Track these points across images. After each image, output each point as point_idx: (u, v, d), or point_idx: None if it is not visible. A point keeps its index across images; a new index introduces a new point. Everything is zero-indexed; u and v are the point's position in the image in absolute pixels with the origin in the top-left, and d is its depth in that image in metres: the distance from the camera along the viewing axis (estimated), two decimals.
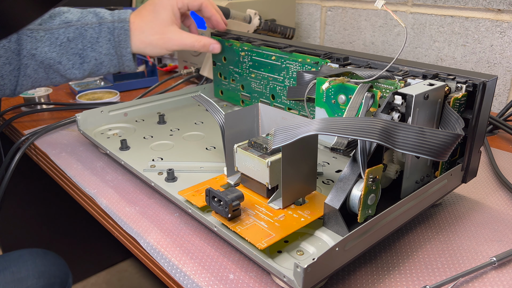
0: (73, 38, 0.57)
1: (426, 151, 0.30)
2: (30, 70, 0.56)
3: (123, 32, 0.59)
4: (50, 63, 0.57)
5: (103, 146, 0.54)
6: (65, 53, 0.57)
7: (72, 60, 0.58)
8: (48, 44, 0.56)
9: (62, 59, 0.57)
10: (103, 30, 0.59)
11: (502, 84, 0.76)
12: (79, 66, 0.59)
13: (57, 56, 0.57)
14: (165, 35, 0.60)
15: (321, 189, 0.43)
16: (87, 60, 0.59)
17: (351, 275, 0.36)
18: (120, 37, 0.59)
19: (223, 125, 0.42)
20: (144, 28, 0.60)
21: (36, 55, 0.56)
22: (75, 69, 0.59)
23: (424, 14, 0.84)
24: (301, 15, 1.08)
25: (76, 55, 0.58)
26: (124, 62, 0.61)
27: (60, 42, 0.57)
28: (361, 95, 0.41)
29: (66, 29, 0.57)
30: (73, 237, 1.25)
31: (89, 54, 0.59)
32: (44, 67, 0.57)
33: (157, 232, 0.42)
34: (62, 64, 0.57)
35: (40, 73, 0.57)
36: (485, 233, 0.41)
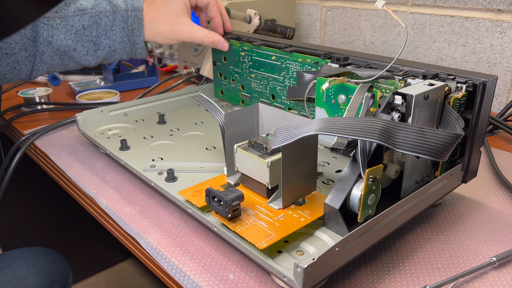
0: (87, 26, 0.58)
1: (426, 151, 0.30)
2: (46, 56, 0.58)
3: (136, 21, 0.60)
4: (66, 50, 0.58)
5: (103, 146, 0.54)
6: (80, 41, 0.59)
7: (86, 47, 0.59)
8: (63, 32, 0.57)
9: (77, 46, 0.59)
10: (117, 19, 0.60)
11: (502, 84, 0.76)
12: (93, 53, 0.60)
13: (72, 43, 0.58)
14: (175, 26, 0.61)
15: (321, 189, 0.43)
16: (101, 48, 0.60)
17: (351, 275, 0.36)
18: (134, 25, 0.60)
19: (223, 125, 0.42)
20: (155, 18, 0.61)
21: (52, 43, 0.57)
22: (90, 56, 0.60)
23: (424, 14, 0.84)
24: (301, 15, 1.08)
25: (90, 42, 0.59)
26: (137, 49, 0.63)
27: (76, 29, 0.58)
28: (361, 95, 0.41)
29: (81, 17, 0.58)
30: (73, 237, 1.25)
31: (103, 41, 0.60)
32: (59, 54, 0.58)
33: (157, 232, 0.42)
34: (77, 51, 0.59)
35: (56, 59, 0.59)
36: (485, 233, 0.41)
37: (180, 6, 0.61)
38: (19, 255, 0.70)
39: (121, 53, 0.63)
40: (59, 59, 0.59)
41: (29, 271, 0.68)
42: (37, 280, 0.68)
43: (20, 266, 0.68)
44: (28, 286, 0.66)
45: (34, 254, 0.72)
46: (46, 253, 0.74)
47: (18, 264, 0.68)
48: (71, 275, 0.76)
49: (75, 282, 1.32)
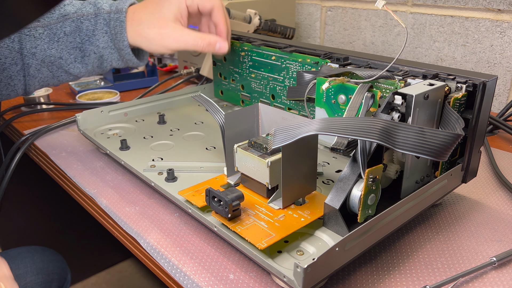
0: (70, 32, 0.54)
1: (426, 151, 0.30)
2: (33, 69, 0.54)
3: (118, 24, 0.54)
4: (51, 60, 0.54)
5: (103, 146, 0.54)
6: (65, 48, 0.55)
7: (73, 54, 0.55)
8: (47, 41, 0.54)
9: (63, 54, 0.55)
10: (99, 22, 0.55)
11: (502, 84, 0.76)
12: (81, 60, 0.56)
13: (56, 52, 0.54)
14: (163, 29, 0.54)
15: (321, 189, 0.43)
16: (87, 54, 0.56)
17: (351, 275, 0.36)
18: (116, 29, 0.55)
19: (223, 125, 0.42)
20: (142, 19, 0.55)
21: (36, 54, 0.54)
22: (78, 63, 0.56)
23: (424, 14, 0.84)
24: (301, 15, 1.08)
25: (76, 48, 0.55)
26: (124, 56, 0.56)
27: (58, 37, 0.54)
28: (361, 95, 0.41)
29: (63, 23, 0.54)
30: (73, 237, 1.25)
31: (87, 47, 0.55)
32: (46, 65, 0.55)
33: (157, 232, 0.42)
34: (63, 59, 0.55)
35: (44, 72, 0.55)
36: (485, 233, 0.41)
37: (172, 10, 0.55)
38: (17, 253, 0.71)
39: (109, 60, 0.57)
40: (48, 70, 0.55)
41: (27, 269, 0.68)
42: (35, 279, 0.68)
43: (18, 265, 0.68)
44: (26, 285, 0.67)
45: (32, 252, 0.72)
46: (44, 251, 0.74)
47: (16, 262, 0.68)
48: (69, 274, 0.76)
49: (75, 282, 1.32)
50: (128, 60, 0.57)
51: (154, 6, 0.55)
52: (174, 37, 0.54)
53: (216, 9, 0.57)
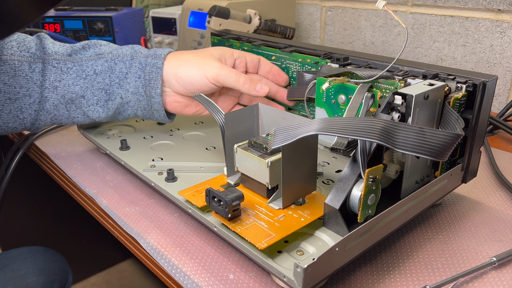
0: (100, 72, 0.51)
1: (426, 151, 0.30)
2: (50, 104, 0.50)
3: (154, 70, 0.50)
4: (72, 97, 0.50)
5: (103, 146, 0.54)
6: (90, 87, 0.51)
7: (97, 96, 0.51)
8: (73, 77, 0.50)
9: (86, 93, 0.51)
10: (134, 65, 0.51)
11: (502, 84, 0.76)
12: (104, 103, 0.51)
13: (80, 90, 0.50)
14: (205, 59, 0.50)
15: (321, 189, 0.43)
16: (112, 98, 0.51)
17: (351, 275, 0.36)
18: (151, 74, 0.50)
19: (223, 125, 0.42)
20: (182, 60, 0.51)
21: (58, 88, 0.50)
22: (99, 107, 0.51)
23: (424, 14, 0.84)
24: (301, 15, 1.08)
25: (102, 90, 0.51)
26: (153, 104, 0.51)
27: (86, 74, 0.50)
28: (361, 95, 0.41)
29: (95, 61, 0.51)
30: (73, 237, 1.25)
31: (115, 90, 0.51)
32: (65, 103, 0.51)
33: (157, 232, 0.42)
34: (85, 98, 0.51)
35: (61, 109, 0.51)
36: (485, 233, 0.41)
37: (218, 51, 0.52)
38: (19, 254, 0.71)
39: (135, 107, 0.52)
40: (65, 108, 0.51)
41: (28, 270, 0.68)
42: (37, 279, 0.68)
43: (20, 266, 0.68)
44: (27, 285, 0.67)
45: (33, 253, 0.72)
46: (45, 252, 0.74)
47: (17, 263, 0.68)
48: (70, 275, 0.76)
49: (75, 282, 1.32)
50: (156, 110, 0.52)
51: (197, 51, 0.52)
52: (215, 66, 0.50)
53: (264, 60, 0.55)
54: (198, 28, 0.87)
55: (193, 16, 0.88)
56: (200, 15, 0.87)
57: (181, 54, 0.52)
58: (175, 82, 0.50)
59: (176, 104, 0.52)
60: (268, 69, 0.55)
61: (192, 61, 0.50)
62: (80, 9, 0.94)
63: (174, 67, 0.50)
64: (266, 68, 0.55)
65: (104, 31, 0.87)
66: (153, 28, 0.99)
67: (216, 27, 0.77)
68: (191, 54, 0.51)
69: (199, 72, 0.49)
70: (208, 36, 0.85)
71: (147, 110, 0.53)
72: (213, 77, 0.49)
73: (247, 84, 0.50)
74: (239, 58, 0.54)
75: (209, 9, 0.78)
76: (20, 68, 0.49)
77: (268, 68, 0.55)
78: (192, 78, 0.49)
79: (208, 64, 0.50)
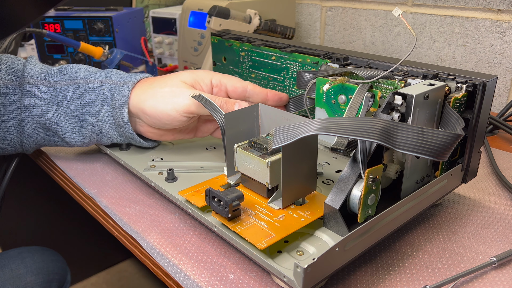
0: (72, 98, 0.49)
1: (426, 151, 0.30)
2: (28, 128, 0.49)
3: (120, 98, 0.48)
4: (46, 123, 0.49)
5: (103, 146, 0.54)
6: (63, 114, 0.49)
7: (71, 123, 0.49)
8: (46, 102, 0.49)
9: (60, 120, 0.49)
10: (102, 93, 0.49)
11: (502, 84, 0.76)
12: (78, 131, 0.50)
13: (53, 116, 0.49)
14: (175, 88, 0.47)
15: (321, 189, 0.43)
16: (85, 125, 0.50)
17: (351, 275, 0.36)
18: (117, 103, 0.48)
19: (223, 125, 0.42)
20: (150, 86, 0.48)
21: (32, 112, 0.49)
22: (74, 134, 0.50)
23: (424, 14, 0.84)
24: (301, 15, 1.08)
25: (75, 117, 0.49)
26: (125, 133, 0.50)
27: (58, 101, 0.49)
28: (361, 95, 0.41)
29: (67, 87, 0.49)
30: (73, 237, 1.25)
31: (86, 118, 0.49)
32: (41, 127, 0.50)
33: (157, 232, 0.42)
34: (59, 125, 0.49)
35: (40, 133, 0.50)
36: (485, 233, 0.41)
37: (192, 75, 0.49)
38: (17, 254, 0.71)
39: (109, 135, 0.50)
40: (44, 133, 0.50)
41: (27, 269, 0.68)
42: (35, 279, 0.68)
43: (18, 265, 0.68)
44: (26, 285, 0.67)
45: (32, 253, 0.72)
46: (44, 252, 0.74)
47: (16, 263, 0.68)
48: (69, 274, 0.76)
49: (75, 282, 1.32)
50: (130, 138, 0.50)
51: (168, 79, 0.48)
52: (185, 97, 0.46)
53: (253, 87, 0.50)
54: (198, 28, 0.87)
55: (193, 16, 0.88)
56: (200, 15, 0.87)
57: (150, 85, 0.48)
58: (143, 117, 0.48)
59: (151, 134, 0.51)
60: (264, 97, 0.50)
61: (158, 95, 0.47)
62: (80, 9, 0.94)
63: (140, 102, 0.47)
64: (260, 97, 0.50)
65: (104, 31, 0.87)
66: (153, 28, 1.00)
67: (216, 27, 0.77)
68: (160, 85, 0.47)
69: (167, 107, 0.46)
70: (208, 36, 0.85)
71: (123, 137, 0.51)
72: (183, 110, 0.46)
73: (224, 106, 0.46)
74: (217, 87, 0.49)
75: (209, 9, 0.78)
76: (5, 91, 0.49)
77: (263, 96, 0.50)
78: (160, 114, 0.46)
79: (177, 96, 0.46)
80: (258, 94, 0.50)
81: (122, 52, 0.82)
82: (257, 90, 0.50)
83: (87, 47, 0.79)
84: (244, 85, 0.50)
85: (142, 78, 0.50)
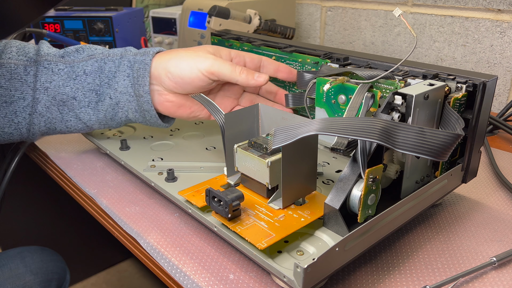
0: (90, 72, 0.49)
1: (426, 151, 0.30)
2: (42, 106, 0.49)
3: (142, 66, 0.48)
4: (63, 98, 0.49)
5: (103, 146, 0.54)
6: (81, 88, 0.49)
7: (88, 97, 0.49)
8: (64, 78, 0.49)
9: (77, 94, 0.49)
10: (123, 63, 0.49)
11: (502, 84, 0.76)
12: (95, 105, 0.50)
13: (70, 91, 0.49)
14: (197, 53, 0.48)
15: (321, 189, 0.43)
16: (102, 98, 0.49)
17: (351, 275, 0.36)
18: (139, 71, 0.48)
19: (223, 125, 0.42)
20: (173, 55, 0.48)
21: (49, 89, 0.49)
22: (90, 109, 0.50)
23: (424, 14, 0.84)
24: (301, 15, 1.08)
25: (92, 91, 0.49)
26: (143, 105, 0.49)
27: (76, 75, 0.49)
28: (361, 95, 0.41)
29: (86, 62, 0.49)
30: (73, 237, 1.25)
31: (105, 90, 0.49)
32: (57, 104, 0.49)
33: (157, 232, 0.42)
34: (76, 100, 0.49)
35: (54, 111, 0.50)
36: (485, 233, 0.41)
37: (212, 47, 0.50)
38: (16, 253, 0.71)
39: (124, 108, 0.50)
40: (57, 111, 0.50)
41: (26, 269, 0.68)
42: (34, 278, 0.68)
43: (17, 265, 0.68)
44: (25, 284, 0.67)
45: (31, 252, 0.72)
46: (43, 251, 0.74)
47: (15, 262, 0.69)
48: (68, 274, 0.76)
49: (75, 282, 1.32)
50: (146, 111, 0.49)
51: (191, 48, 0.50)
52: (208, 57, 0.47)
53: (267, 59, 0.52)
54: (198, 28, 0.87)
55: (193, 16, 0.88)
56: (200, 15, 0.87)
57: (173, 50, 0.49)
58: (165, 78, 0.47)
59: (168, 104, 0.49)
60: (276, 68, 0.52)
61: (183, 55, 0.48)
62: (80, 9, 0.94)
63: (163, 62, 0.48)
64: (272, 67, 0.52)
65: (104, 31, 0.87)
66: (153, 28, 1.00)
67: (216, 27, 0.77)
68: (184, 50, 0.49)
69: (190, 65, 0.46)
70: (208, 36, 0.85)
71: (139, 112, 0.50)
72: (206, 69, 0.46)
73: (244, 73, 0.47)
74: (237, 58, 0.51)
75: (209, 9, 0.78)
76: (16, 71, 0.49)
77: (275, 66, 0.52)
78: (183, 71, 0.47)
79: (201, 57, 0.47)
80: (270, 64, 0.53)
81: None
82: (270, 61, 0.53)
83: None
84: (260, 57, 0.53)
85: (161, 50, 0.51)
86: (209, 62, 0.47)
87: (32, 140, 0.53)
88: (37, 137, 0.52)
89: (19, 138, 0.52)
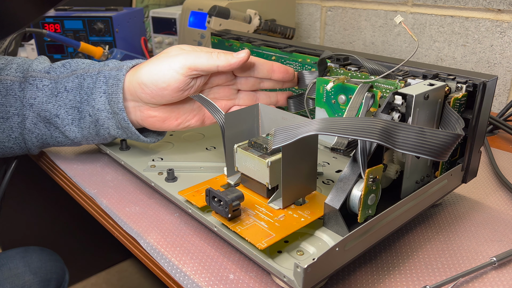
0: (71, 88, 0.47)
1: (426, 151, 0.30)
2: (29, 123, 0.48)
3: (115, 82, 0.45)
4: (47, 116, 0.48)
5: (103, 146, 0.54)
6: (63, 105, 0.47)
7: (71, 115, 0.48)
8: (48, 94, 0.48)
9: (60, 112, 0.48)
10: (99, 80, 0.47)
11: (502, 84, 0.76)
12: (78, 123, 0.48)
13: (53, 107, 0.47)
14: (169, 53, 0.45)
15: (321, 189, 0.43)
16: (83, 116, 0.48)
17: (351, 275, 0.36)
18: (113, 88, 0.46)
19: (223, 125, 0.42)
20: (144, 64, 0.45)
21: (34, 105, 0.48)
22: (74, 126, 0.48)
23: (424, 14, 0.84)
24: (301, 15, 1.08)
25: (74, 108, 0.47)
26: (120, 122, 0.46)
27: (57, 91, 0.48)
28: (361, 95, 0.41)
29: (68, 78, 0.48)
30: (73, 237, 1.25)
31: (84, 108, 0.47)
32: (42, 121, 0.48)
33: (157, 232, 0.42)
34: (60, 118, 0.48)
35: (41, 128, 0.49)
36: (485, 233, 0.41)
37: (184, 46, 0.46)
38: (15, 253, 0.71)
39: (105, 125, 0.47)
40: (45, 127, 0.49)
41: (25, 269, 0.69)
42: (33, 278, 0.68)
43: (16, 265, 0.69)
44: (24, 284, 0.67)
45: (30, 252, 0.72)
46: (42, 251, 0.74)
47: (14, 262, 0.69)
48: (67, 274, 0.76)
49: (75, 282, 1.32)
50: (125, 128, 0.47)
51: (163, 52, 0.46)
52: (180, 54, 0.44)
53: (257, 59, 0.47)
54: (198, 28, 0.87)
55: (193, 16, 0.88)
56: (200, 15, 0.87)
57: (148, 60, 0.46)
58: (140, 91, 0.44)
59: (152, 120, 0.47)
60: (269, 68, 0.48)
61: (154, 60, 0.44)
62: (80, 9, 0.94)
63: (136, 74, 0.45)
64: (266, 67, 0.48)
65: (104, 31, 0.87)
66: (153, 28, 1.00)
67: (216, 27, 0.77)
68: (156, 56, 0.46)
69: (162, 67, 0.43)
70: (208, 36, 0.85)
71: (120, 129, 0.48)
72: (181, 66, 0.43)
73: (222, 55, 0.43)
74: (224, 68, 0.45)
75: (209, 9, 0.78)
76: (11, 87, 0.49)
77: (269, 66, 0.48)
78: (156, 76, 0.43)
79: (172, 56, 0.44)
80: (263, 65, 0.47)
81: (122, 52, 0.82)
82: (262, 61, 0.48)
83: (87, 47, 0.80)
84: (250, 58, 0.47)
85: (138, 63, 0.48)
86: (182, 58, 0.43)
87: (34, 153, 0.53)
88: (37, 150, 0.53)
89: (21, 152, 0.52)
